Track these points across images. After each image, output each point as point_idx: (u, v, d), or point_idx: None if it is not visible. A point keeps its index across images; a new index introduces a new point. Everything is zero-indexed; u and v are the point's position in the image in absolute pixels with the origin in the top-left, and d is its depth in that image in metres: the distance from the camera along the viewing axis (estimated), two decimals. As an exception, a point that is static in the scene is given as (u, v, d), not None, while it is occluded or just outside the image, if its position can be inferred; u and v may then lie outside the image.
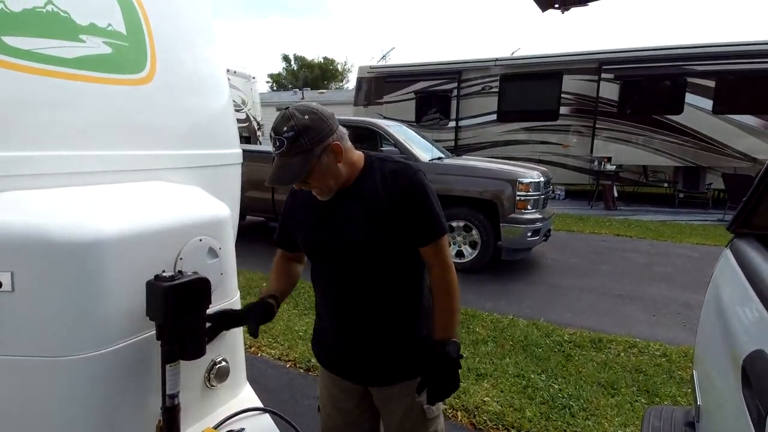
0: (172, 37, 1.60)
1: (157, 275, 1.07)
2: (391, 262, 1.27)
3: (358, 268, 1.27)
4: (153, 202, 1.31)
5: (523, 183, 4.81)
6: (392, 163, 1.29)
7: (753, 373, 0.76)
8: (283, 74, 40.61)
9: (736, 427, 0.76)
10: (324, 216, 1.28)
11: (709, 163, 9.15)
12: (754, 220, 1.32)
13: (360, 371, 1.34)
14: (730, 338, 0.96)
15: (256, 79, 14.20)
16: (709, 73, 8.89)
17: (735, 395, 0.80)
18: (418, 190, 1.24)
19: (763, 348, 0.77)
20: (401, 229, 1.23)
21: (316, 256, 1.34)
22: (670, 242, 6.51)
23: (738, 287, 1.04)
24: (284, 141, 1.12)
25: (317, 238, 1.30)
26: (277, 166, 1.16)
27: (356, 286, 1.28)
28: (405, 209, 1.22)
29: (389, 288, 1.28)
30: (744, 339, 0.88)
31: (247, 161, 7.22)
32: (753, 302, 0.90)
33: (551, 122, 10.35)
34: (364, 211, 1.24)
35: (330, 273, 1.32)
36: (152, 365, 1.11)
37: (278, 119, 1.16)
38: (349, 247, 1.25)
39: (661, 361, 2.97)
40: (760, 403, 0.69)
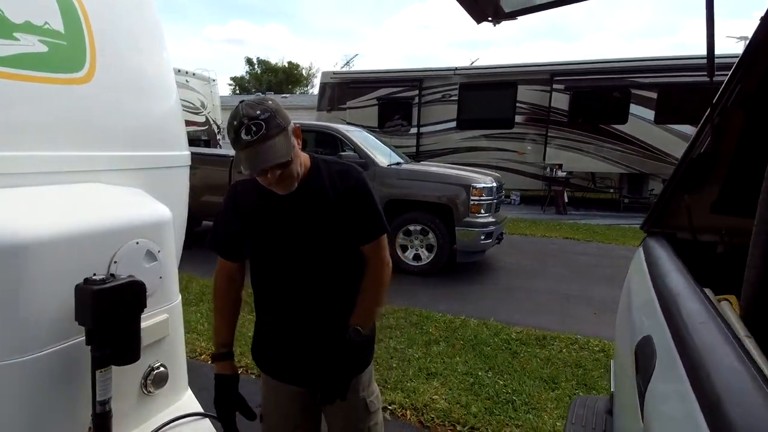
0: (114, 37, 1.58)
1: (87, 279, 1.05)
2: (340, 260, 1.30)
3: (310, 266, 1.28)
4: (86, 204, 1.28)
5: (477, 188, 4.97)
6: (337, 165, 1.33)
7: (641, 356, 0.85)
8: (246, 78, 39.86)
9: (631, 407, 0.85)
10: (275, 214, 1.28)
11: (652, 170, 9.74)
12: (663, 220, 1.46)
13: (307, 373, 1.34)
14: (631, 326, 1.06)
15: (216, 82, 13.87)
16: (651, 85, 9.50)
17: (632, 379, 0.89)
18: (363, 190, 1.29)
19: (651, 334, 0.87)
20: (348, 227, 1.27)
21: (267, 256, 1.32)
22: (615, 245, 6.89)
23: (642, 280, 1.15)
24: (261, 123, 1.08)
25: (269, 236, 1.29)
26: (256, 152, 1.09)
27: (307, 284, 1.29)
28: (352, 207, 1.27)
29: (337, 286, 1.31)
30: (639, 326, 0.98)
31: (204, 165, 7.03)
32: (649, 293, 1.00)
33: (507, 130, 10.72)
34: (315, 209, 1.26)
35: (278, 273, 1.31)
36: (82, 371, 1.09)
37: (242, 108, 1.11)
38: (302, 245, 1.27)
39: (599, 356, 3.15)
40: (642, 383, 0.78)
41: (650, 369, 0.78)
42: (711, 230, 1.52)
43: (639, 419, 0.77)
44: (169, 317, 1.36)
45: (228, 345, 1.41)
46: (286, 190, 1.22)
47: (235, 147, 1.14)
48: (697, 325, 0.76)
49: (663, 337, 0.81)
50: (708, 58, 1.33)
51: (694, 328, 0.75)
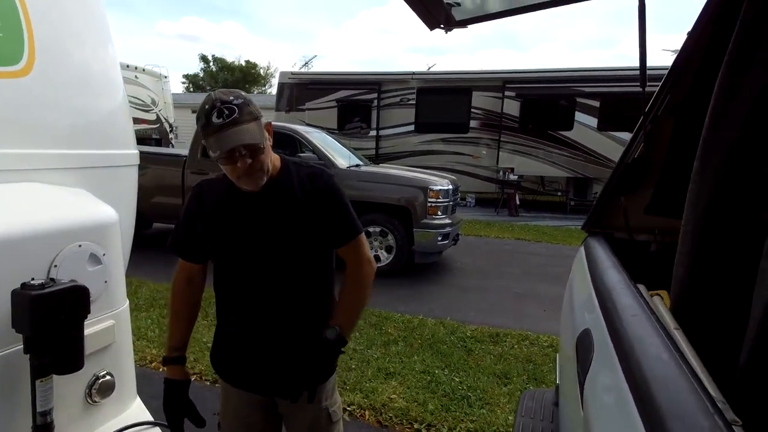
0: (55, 30, 1.50)
1: (25, 283, 0.99)
2: (306, 264, 1.27)
3: (274, 270, 1.25)
4: (23, 205, 1.21)
5: (434, 190, 5.08)
6: (306, 167, 1.31)
7: (580, 348, 0.92)
8: (200, 75, 38.47)
9: (573, 397, 0.91)
10: (241, 214, 1.25)
11: (596, 174, 10.31)
12: (602, 220, 1.56)
13: (269, 381, 1.30)
14: (573, 320, 1.13)
15: (168, 79, 13.33)
16: (595, 94, 10.06)
17: (574, 371, 0.95)
18: (333, 192, 1.27)
19: (590, 327, 0.93)
20: (318, 230, 1.24)
21: (231, 257, 1.28)
22: (562, 245, 7.23)
23: (583, 277, 1.23)
24: (235, 108, 1.07)
25: (233, 236, 1.25)
26: (227, 134, 1.07)
27: (269, 288, 1.25)
28: (322, 210, 1.24)
29: (302, 292, 1.28)
30: (579, 321, 1.05)
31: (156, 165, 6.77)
32: (589, 289, 1.07)
33: (462, 134, 11.02)
34: (282, 210, 1.23)
35: (243, 275, 1.27)
36: (21, 381, 1.03)
37: (215, 94, 1.10)
38: (268, 246, 1.23)
39: (548, 351, 3.31)
40: (581, 373, 0.84)
41: (588, 360, 0.83)
42: (645, 230, 1.64)
43: (580, 408, 0.82)
44: (116, 323, 1.30)
45: (181, 349, 1.38)
46: (255, 185, 1.18)
47: (205, 132, 1.10)
48: (629, 317, 0.82)
49: (600, 330, 0.87)
50: (641, 70, 1.43)
51: (627, 321, 0.81)
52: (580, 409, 0.82)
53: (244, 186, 1.19)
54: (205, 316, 3.82)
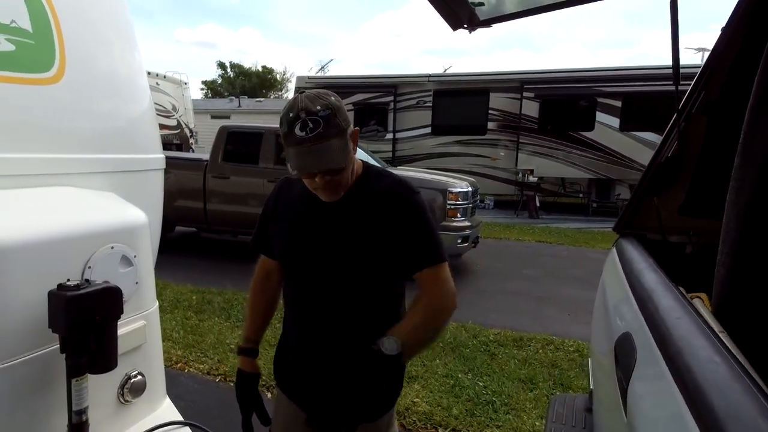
0: (85, 38, 1.53)
1: (61, 284, 1.01)
2: (374, 285, 1.14)
3: (338, 285, 1.14)
4: (58, 208, 1.23)
5: (453, 192, 5.04)
6: (389, 178, 1.17)
7: (620, 352, 0.89)
8: (218, 81, 39.23)
9: (613, 402, 0.88)
10: (311, 220, 1.15)
11: (618, 175, 10.11)
12: (634, 221, 1.52)
13: (316, 403, 1.16)
14: (608, 324, 1.09)
15: (188, 85, 13.63)
16: (616, 94, 9.88)
17: (612, 375, 0.92)
18: (415, 209, 1.12)
19: (629, 331, 0.90)
20: (392, 250, 1.10)
21: (292, 268, 1.20)
22: (585, 247, 7.10)
23: (617, 279, 1.20)
24: (320, 121, 0.96)
25: (296, 246, 1.17)
26: (308, 152, 0.98)
27: (336, 307, 1.14)
28: (400, 228, 1.09)
29: (365, 316, 1.15)
30: (617, 324, 1.02)
31: (178, 169, 6.91)
32: (625, 291, 1.04)
33: (480, 136, 10.95)
34: (355, 222, 1.11)
35: (304, 283, 1.18)
36: (57, 380, 1.05)
37: (302, 100, 0.99)
38: (333, 259, 1.12)
39: (574, 356, 3.24)
40: (623, 378, 0.81)
41: (631, 364, 0.81)
42: (679, 231, 1.59)
43: (622, 414, 0.79)
44: (146, 324, 1.32)
45: (253, 341, 1.33)
46: (330, 199, 1.10)
47: (286, 142, 1.01)
48: (674, 320, 0.79)
49: (642, 333, 0.84)
50: (674, 67, 1.39)
51: (672, 324, 0.78)
52: (623, 415, 0.79)
53: (321, 197, 1.11)
54: (227, 317, 3.86)
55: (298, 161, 0.99)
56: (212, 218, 5.97)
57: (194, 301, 4.25)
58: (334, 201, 1.11)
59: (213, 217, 5.95)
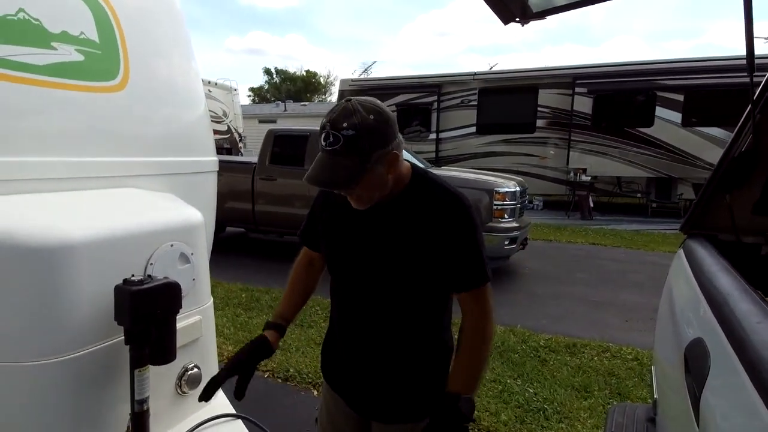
0: (146, 47, 1.62)
1: (126, 279, 1.07)
2: (415, 294, 1.13)
3: (379, 293, 1.14)
4: (123, 208, 1.31)
5: (500, 192, 4.92)
6: (441, 188, 1.12)
7: (692, 359, 0.82)
8: (265, 87, 40.66)
9: (682, 412, 0.81)
10: (354, 226, 1.15)
11: (681, 174, 9.48)
12: (703, 221, 1.41)
13: (363, 401, 1.24)
14: (676, 329, 1.01)
15: (237, 91, 14.19)
16: (678, 88, 9.27)
17: (681, 383, 0.85)
18: (465, 225, 1.08)
19: (701, 336, 0.83)
20: (436, 265, 1.07)
21: (336, 267, 1.22)
22: (643, 250, 6.70)
23: (686, 282, 1.11)
24: (341, 138, 0.96)
25: (341, 247, 1.19)
26: (322, 164, 0.99)
27: (374, 311, 1.16)
28: (447, 243, 1.06)
29: (409, 320, 1.15)
30: (686, 329, 0.94)
31: (228, 172, 7.17)
32: (696, 295, 0.96)
33: (528, 134, 10.62)
34: (398, 233, 1.09)
35: (347, 289, 1.21)
36: (121, 370, 1.11)
37: (338, 111, 0.98)
38: (373, 268, 1.13)
39: (633, 365, 3.05)
40: (696, 386, 0.74)
41: (704, 371, 0.74)
42: (754, 231, 1.45)
43: (693, 425, 0.73)
44: (202, 319, 1.38)
45: (283, 319, 1.35)
46: (357, 207, 1.09)
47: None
48: (754, 325, 0.72)
49: (716, 339, 0.77)
50: (748, 56, 1.28)
51: (751, 329, 0.71)
52: (695, 425, 0.73)
53: (352, 204, 1.10)
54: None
55: (313, 171, 1.01)
56: (260, 219, 6.17)
57: (243, 299, 4.40)
58: (363, 209, 1.10)
59: (261, 217, 6.15)
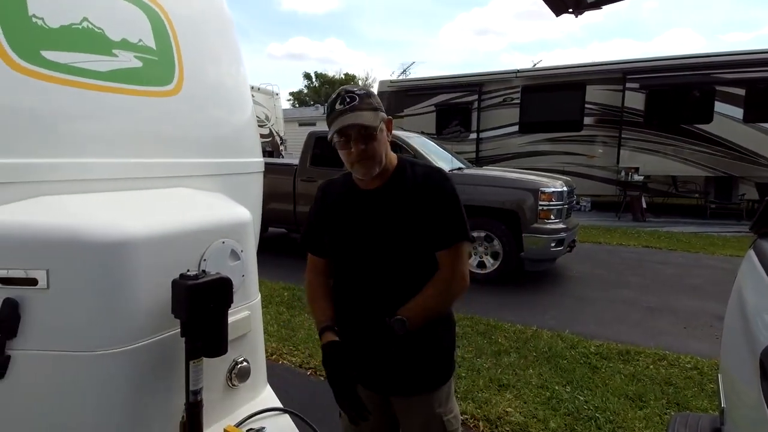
0: (198, 53, 1.68)
1: (182, 274, 1.11)
2: (414, 264, 1.27)
3: (386, 269, 1.27)
4: (179, 206, 1.36)
5: (546, 192, 4.76)
6: (422, 167, 1.33)
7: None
8: (304, 91, 41.47)
9: (757, 421, 0.74)
10: (356, 211, 1.30)
11: (742, 172, 8.83)
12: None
13: (380, 380, 1.32)
14: (750, 334, 0.93)
15: (279, 96, 14.56)
16: (739, 82, 8.64)
17: (756, 391, 0.78)
18: (447, 192, 1.26)
19: (785, 342, 0.75)
20: (425, 228, 1.24)
21: (344, 252, 1.34)
22: (702, 254, 6.28)
23: (759, 284, 1.02)
24: (356, 96, 1.18)
25: (348, 234, 1.31)
26: (343, 117, 1.18)
27: (382, 288, 1.27)
28: (432, 209, 1.24)
29: (408, 292, 1.26)
30: (762, 333, 0.86)
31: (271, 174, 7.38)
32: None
33: (575, 133, 10.22)
34: (395, 208, 1.26)
35: (355, 271, 1.32)
36: (176, 362, 1.14)
37: (341, 89, 1.22)
38: (379, 243, 1.26)
39: (692, 374, 2.86)
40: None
41: (791, 381, 0.67)
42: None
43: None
44: (251, 314, 1.41)
45: (328, 319, 1.35)
46: (367, 173, 1.23)
47: (329, 119, 1.23)
48: None
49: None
50: None
51: None
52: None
53: (358, 173, 1.25)
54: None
55: (335, 125, 1.18)
56: (301, 219, 6.28)
57: (286, 297, 4.49)
58: (371, 187, 1.27)
59: (301, 218, 6.27)
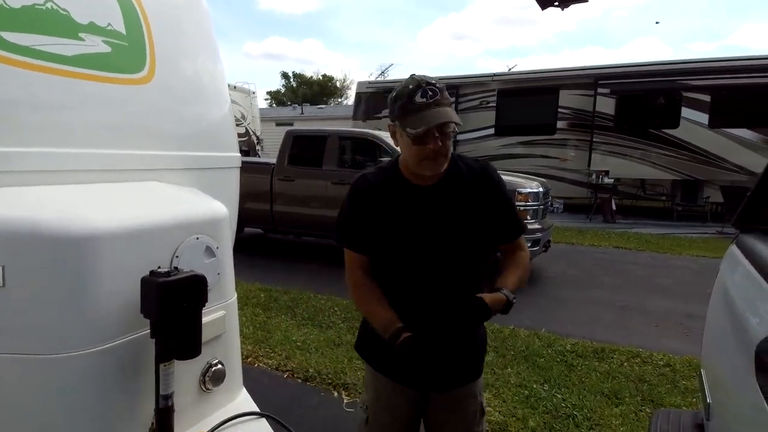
0: (172, 43, 1.61)
1: (153, 271, 1.04)
2: (479, 257, 1.28)
3: (454, 263, 1.24)
4: (149, 200, 1.29)
5: (522, 193, 4.82)
6: (470, 159, 1.33)
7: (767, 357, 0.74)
8: (282, 91, 41.06)
9: (751, 415, 0.73)
10: (417, 209, 1.24)
11: (707, 176, 9.20)
12: (759, 214, 1.31)
13: (428, 376, 1.25)
14: (740, 329, 0.93)
15: (256, 95, 14.34)
16: (704, 88, 9.01)
17: (749, 384, 0.78)
18: (502, 186, 1.29)
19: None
20: (488, 223, 1.25)
21: (401, 250, 1.26)
22: (670, 254, 6.50)
23: (747, 279, 1.02)
24: (437, 90, 1.14)
25: (410, 231, 1.24)
26: (431, 111, 1.13)
27: (448, 282, 1.25)
28: (492, 204, 1.25)
29: (472, 282, 1.27)
30: (756, 326, 0.86)
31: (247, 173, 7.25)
32: (764, 290, 0.88)
33: (548, 136, 10.44)
34: (456, 202, 1.23)
35: (410, 267, 1.26)
36: (146, 364, 1.07)
37: (419, 77, 1.16)
38: (442, 238, 1.23)
39: (665, 371, 2.93)
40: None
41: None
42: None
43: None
44: (226, 314, 1.34)
45: (398, 319, 1.23)
46: (438, 169, 1.19)
47: (405, 110, 1.15)
48: None
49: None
50: None
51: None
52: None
53: (426, 170, 1.20)
54: (293, 315, 3.94)
55: (422, 120, 1.12)
56: (278, 219, 6.18)
57: (262, 298, 4.39)
58: (428, 183, 1.23)
59: (279, 218, 6.16)
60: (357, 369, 2.94)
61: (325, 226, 6.01)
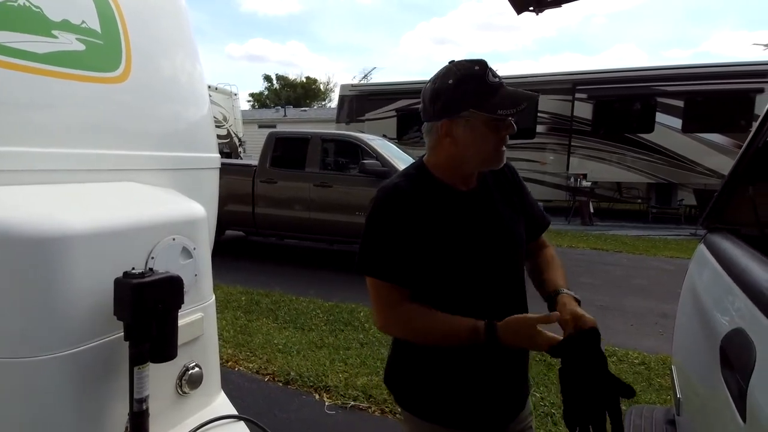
0: (149, 41, 1.58)
1: (126, 272, 1.02)
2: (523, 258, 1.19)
3: (513, 272, 1.11)
4: (124, 200, 1.26)
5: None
6: None
7: (732, 351, 0.77)
8: (265, 93, 40.72)
9: (718, 409, 0.76)
10: (472, 218, 1.06)
11: (681, 179, 9.47)
12: (724, 215, 1.36)
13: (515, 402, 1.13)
14: (707, 324, 0.96)
15: (238, 96, 14.18)
16: (678, 94, 9.29)
17: (715, 378, 0.80)
18: (521, 178, 1.23)
19: (742, 326, 0.78)
20: (527, 217, 1.18)
21: (469, 270, 1.05)
22: (645, 255, 6.66)
23: (714, 276, 1.06)
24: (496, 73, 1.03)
25: (473, 244, 1.04)
26: (508, 91, 1.00)
27: (508, 292, 1.10)
28: (525, 198, 1.18)
29: (523, 290, 1.16)
30: (721, 322, 0.89)
31: (228, 175, 7.13)
32: (729, 287, 0.91)
33: (528, 140, 10.61)
34: (502, 203, 1.13)
35: (483, 287, 1.06)
36: (120, 368, 1.05)
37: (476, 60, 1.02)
38: (510, 245, 1.09)
39: (640, 369, 3.00)
40: (740, 378, 0.70)
41: (749, 362, 0.69)
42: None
43: (737, 418, 0.68)
44: (204, 316, 1.32)
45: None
46: (503, 161, 1.07)
47: (484, 90, 0.98)
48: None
49: (759, 327, 0.72)
50: None
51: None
52: (738, 420, 0.68)
53: (496, 162, 1.05)
54: (274, 318, 3.91)
55: (511, 99, 0.98)
56: (260, 222, 6.12)
57: (243, 301, 4.34)
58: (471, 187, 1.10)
59: (261, 220, 6.10)
60: (338, 371, 2.93)
61: (306, 229, 5.98)
